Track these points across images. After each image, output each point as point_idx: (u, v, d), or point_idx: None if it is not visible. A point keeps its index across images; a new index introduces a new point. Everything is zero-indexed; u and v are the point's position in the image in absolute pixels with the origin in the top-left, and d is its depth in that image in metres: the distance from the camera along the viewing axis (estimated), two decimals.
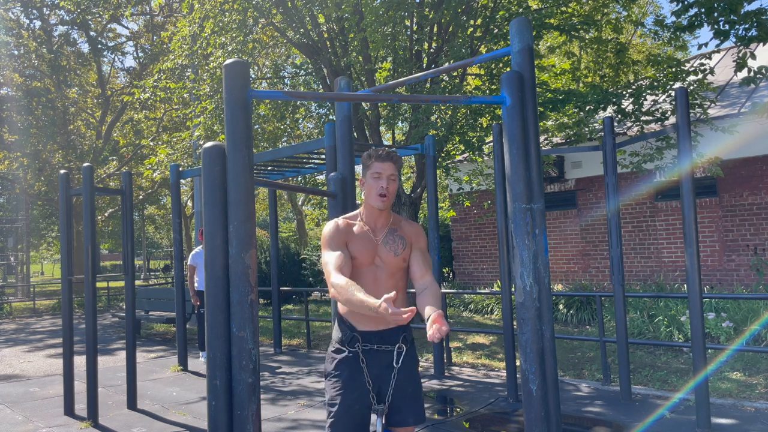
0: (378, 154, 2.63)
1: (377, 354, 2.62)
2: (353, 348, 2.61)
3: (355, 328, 2.62)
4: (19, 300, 20.52)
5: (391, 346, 2.63)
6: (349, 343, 2.62)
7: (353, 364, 2.61)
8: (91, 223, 5.69)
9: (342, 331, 2.66)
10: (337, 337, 2.68)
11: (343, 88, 3.87)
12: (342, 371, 2.61)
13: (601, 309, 6.19)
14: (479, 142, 9.78)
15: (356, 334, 2.62)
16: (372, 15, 8.68)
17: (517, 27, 2.73)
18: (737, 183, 10.47)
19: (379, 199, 2.61)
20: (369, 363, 2.60)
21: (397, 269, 2.66)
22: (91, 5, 18.04)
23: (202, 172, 2.39)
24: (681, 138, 4.58)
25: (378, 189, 2.60)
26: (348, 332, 2.63)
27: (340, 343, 2.66)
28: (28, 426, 5.44)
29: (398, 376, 2.62)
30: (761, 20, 6.12)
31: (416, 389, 2.70)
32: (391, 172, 2.61)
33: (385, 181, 2.60)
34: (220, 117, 10.38)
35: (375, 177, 2.61)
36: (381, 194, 2.60)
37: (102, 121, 22.57)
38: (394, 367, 2.62)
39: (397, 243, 2.68)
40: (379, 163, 2.61)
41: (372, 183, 2.62)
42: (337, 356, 2.64)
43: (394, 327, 2.63)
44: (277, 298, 9.05)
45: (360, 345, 2.61)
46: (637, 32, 17.04)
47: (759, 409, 5.02)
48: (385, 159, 2.61)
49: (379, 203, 2.61)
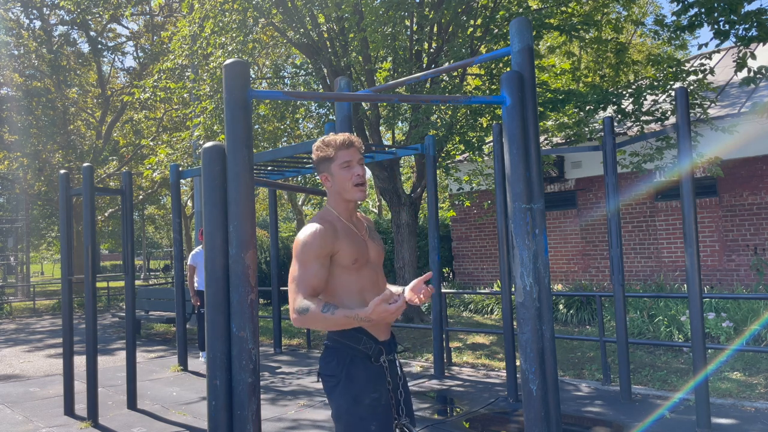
0: (340, 142, 2.30)
1: (391, 365, 2.39)
2: (379, 362, 2.31)
3: (377, 339, 2.32)
4: (19, 300, 20.52)
5: (394, 355, 2.44)
6: (376, 357, 2.30)
7: (383, 380, 2.32)
8: (91, 223, 5.69)
9: (365, 345, 2.30)
10: (361, 352, 2.30)
11: (343, 88, 3.87)
12: (380, 392, 2.29)
13: (601, 309, 6.19)
14: (479, 142, 9.78)
15: (381, 346, 2.32)
16: (372, 15, 8.68)
17: (517, 27, 2.73)
18: (737, 183, 10.47)
19: (358, 189, 2.30)
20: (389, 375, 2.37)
21: (382, 265, 2.47)
22: (91, 5, 18.04)
23: (202, 172, 2.39)
24: (681, 138, 4.58)
25: (354, 179, 2.29)
26: (373, 345, 2.31)
27: (366, 359, 2.29)
28: (28, 426, 5.44)
29: (404, 383, 2.47)
30: (761, 20, 6.12)
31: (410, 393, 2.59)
32: (359, 156, 2.32)
33: (359, 168, 2.30)
34: (220, 117, 10.38)
35: (345, 167, 2.29)
36: (358, 183, 2.30)
37: (102, 121, 22.57)
38: (398, 375, 2.43)
39: (376, 236, 2.48)
40: (344, 151, 2.30)
41: (343, 174, 2.29)
42: (368, 375, 2.28)
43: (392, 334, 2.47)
44: (277, 298, 9.05)
45: (384, 357, 2.33)
46: (637, 32, 17.04)
47: (759, 409, 5.02)
48: (348, 145, 2.30)
49: (359, 194, 2.30)
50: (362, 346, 2.30)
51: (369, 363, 2.30)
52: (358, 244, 2.33)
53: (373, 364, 2.30)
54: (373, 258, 2.41)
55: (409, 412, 2.49)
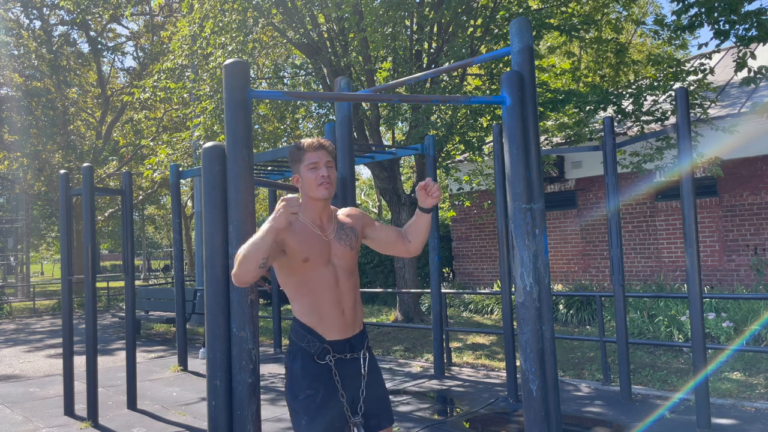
0: (308, 145, 2.44)
1: (346, 364, 2.46)
2: (324, 361, 2.41)
3: (324, 339, 2.42)
4: (19, 300, 20.52)
5: (357, 353, 2.49)
6: (320, 355, 2.41)
7: (327, 378, 2.41)
8: (91, 223, 5.69)
9: (309, 343, 2.43)
10: (303, 349, 2.43)
11: (343, 88, 3.87)
12: (317, 389, 2.39)
13: (601, 309, 6.19)
14: (479, 142, 9.77)
15: (327, 345, 2.42)
16: (372, 15, 8.67)
17: (517, 27, 2.73)
18: (737, 183, 10.47)
19: (321, 188, 2.40)
20: (340, 374, 2.43)
21: (354, 266, 2.53)
22: (91, 5, 18.03)
23: (202, 172, 2.40)
24: (681, 138, 4.58)
25: (318, 179, 2.40)
26: (317, 343, 2.42)
27: (308, 356, 2.42)
28: (28, 426, 5.44)
29: (369, 382, 2.50)
30: (761, 20, 6.12)
31: (385, 392, 2.60)
32: (327, 159, 2.43)
33: (324, 170, 2.41)
34: (220, 117, 10.37)
35: (311, 168, 2.41)
36: (321, 182, 2.40)
37: (102, 121, 22.57)
38: (362, 374, 2.48)
39: (349, 236, 2.52)
40: (311, 153, 2.42)
41: (309, 175, 2.41)
42: (308, 372, 2.41)
43: (359, 333, 2.51)
44: (277, 298, 9.05)
45: (331, 356, 2.42)
46: (638, 32, 17.03)
47: (759, 409, 5.02)
48: (317, 148, 2.43)
49: (323, 192, 2.40)
50: (305, 344, 2.42)
51: (310, 361, 2.40)
52: (312, 243, 2.41)
53: (315, 362, 2.40)
54: (336, 259, 2.46)
55: (381, 409, 2.53)
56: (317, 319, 2.43)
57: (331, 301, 2.43)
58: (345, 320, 2.46)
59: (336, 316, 2.44)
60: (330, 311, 2.43)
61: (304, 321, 2.45)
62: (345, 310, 2.46)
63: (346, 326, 2.46)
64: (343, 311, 2.45)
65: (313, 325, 2.43)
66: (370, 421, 2.50)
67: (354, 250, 2.52)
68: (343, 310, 2.46)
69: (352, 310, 2.49)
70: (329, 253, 2.45)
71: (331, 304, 2.43)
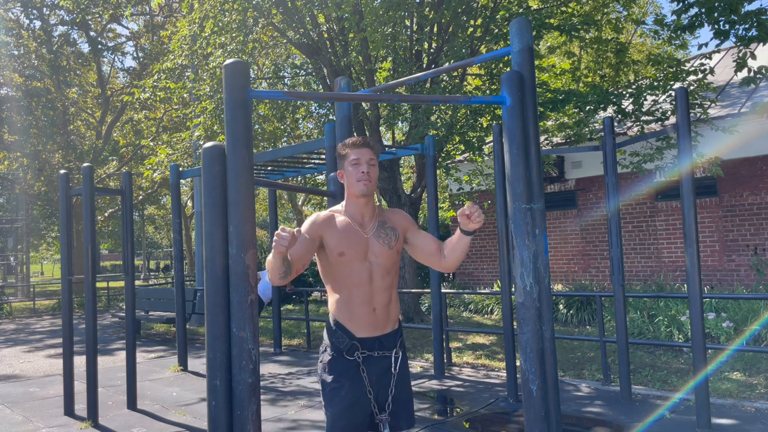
0: (352, 142, 2.53)
1: (375, 361, 2.51)
2: (352, 357, 2.48)
3: (353, 335, 2.49)
4: (19, 300, 20.52)
5: (388, 351, 2.53)
6: (348, 351, 2.48)
7: (354, 374, 2.47)
8: (91, 223, 5.69)
9: (338, 338, 2.50)
10: (333, 344, 2.52)
11: (343, 88, 3.87)
12: (342, 383, 2.46)
13: (601, 309, 6.19)
14: (479, 142, 9.77)
15: (356, 342, 2.48)
16: (372, 15, 8.68)
17: (517, 27, 2.73)
18: (737, 183, 10.47)
19: (360, 183, 2.48)
20: (368, 371, 2.49)
21: (393, 265, 2.55)
22: (91, 5, 18.03)
23: (202, 172, 2.39)
24: (681, 138, 4.58)
25: (358, 175, 2.48)
26: (346, 339, 2.49)
27: (337, 351, 2.50)
28: (28, 426, 5.44)
29: (396, 381, 2.54)
30: (761, 20, 6.12)
31: (410, 394, 2.63)
32: (369, 156, 2.50)
33: (365, 166, 2.49)
34: (220, 117, 10.38)
35: (354, 164, 2.50)
36: (360, 179, 2.48)
37: (102, 121, 22.57)
38: (392, 373, 2.53)
39: (389, 235, 2.56)
40: (355, 150, 2.51)
41: (351, 170, 2.50)
42: (336, 366, 2.49)
43: (391, 332, 2.55)
44: (277, 299, 9.05)
45: (359, 353, 2.48)
46: (638, 32, 17.03)
47: (759, 409, 5.02)
48: (360, 146, 2.52)
49: (362, 188, 2.48)
50: (335, 339, 2.52)
51: (339, 356, 2.50)
52: (350, 239, 2.48)
53: (344, 357, 2.49)
54: (373, 257, 2.51)
55: (402, 410, 2.55)
56: (348, 315, 2.50)
57: (362, 298, 2.48)
58: (376, 318, 2.51)
59: (366, 314, 2.49)
60: (360, 308, 2.49)
61: (336, 317, 2.52)
62: (377, 308, 2.50)
63: (377, 324, 2.51)
64: (374, 309, 2.50)
65: (343, 321, 2.51)
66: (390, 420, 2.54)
67: (393, 249, 2.55)
68: (374, 307, 2.50)
69: (385, 309, 2.53)
70: (366, 249, 2.51)
71: (362, 301, 2.49)
